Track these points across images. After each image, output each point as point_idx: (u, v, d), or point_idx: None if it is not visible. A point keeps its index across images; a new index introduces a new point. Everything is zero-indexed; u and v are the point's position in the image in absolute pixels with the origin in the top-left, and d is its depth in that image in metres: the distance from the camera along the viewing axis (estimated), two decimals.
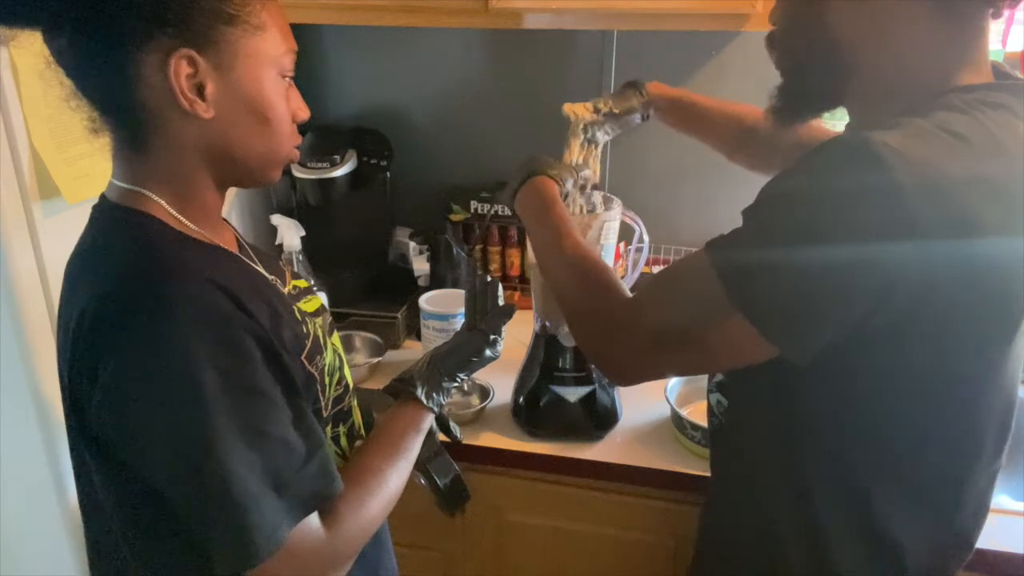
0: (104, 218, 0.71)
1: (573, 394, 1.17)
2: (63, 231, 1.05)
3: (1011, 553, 0.98)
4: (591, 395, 1.17)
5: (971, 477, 0.76)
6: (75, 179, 1.05)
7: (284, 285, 0.79)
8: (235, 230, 0.82)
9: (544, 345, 1.17)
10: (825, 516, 0.76)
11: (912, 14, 0.68)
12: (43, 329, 1.04)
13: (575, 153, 1.09)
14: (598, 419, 1.18)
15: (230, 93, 0.66)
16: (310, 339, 0.74)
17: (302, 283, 0.84)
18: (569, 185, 1.00)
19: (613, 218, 1.08)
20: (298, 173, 1.44)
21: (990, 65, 0.71)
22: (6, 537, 1.16)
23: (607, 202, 1.11)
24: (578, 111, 1.07)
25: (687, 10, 1.20)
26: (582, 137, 1.08)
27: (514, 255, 1.62)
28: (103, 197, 0.72)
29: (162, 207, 0.69)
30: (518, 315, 0.96)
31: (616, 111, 1.08)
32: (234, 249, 0.76)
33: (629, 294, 0.80)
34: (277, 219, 1.39)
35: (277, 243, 1.38)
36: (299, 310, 0.76)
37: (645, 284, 0.80)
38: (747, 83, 1.46)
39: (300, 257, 1.37)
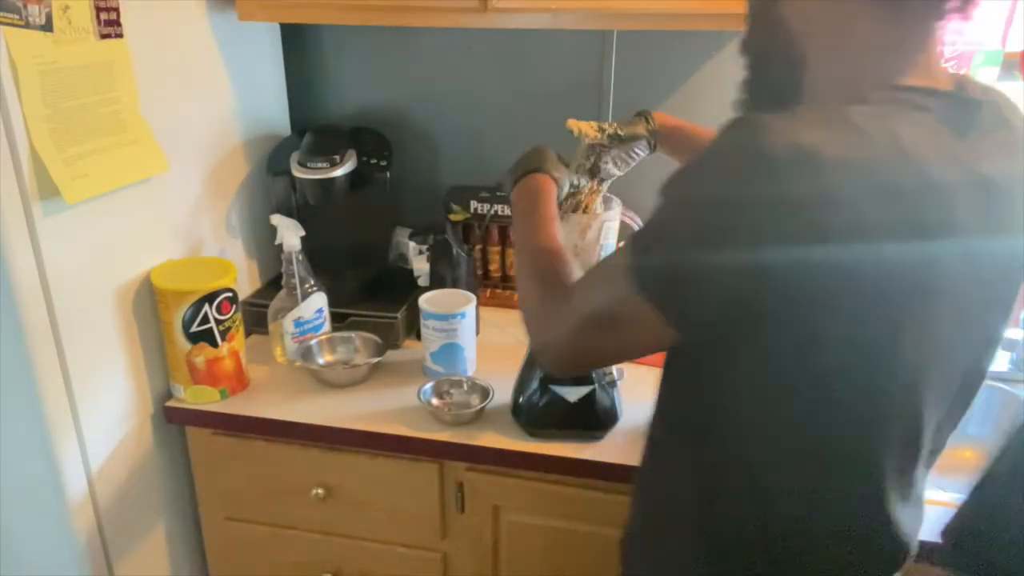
0: None
1: (573, 394, 1.17)
2: (63, 231, 1.06)
3: None
4: (591, 395, 1.17)
5: (872, 490, 0.74)
6: (74, 179, 1.05)
7: None
8: None
9: None
10: (724, 518, 0.76)
11: (857, 12, 0.68)
12: (43, 329, 1.05)
13: (576, 168, 1.08)
14: (598, 419, 1.18)
15: None
16: None
17: None
18: (566, 189, 1.01)
19: (613, 218, 1.08)
20: (298, 173, 1.44)
21: (945, 71, 0.70)
22: (6, 537, 1.16)
23: (607, 202, 1.11)
24: (583, 127, 1.06)
25: (687, 10, 1.20)
26: (588, 163, 1.08)
27: (515, 255, 1.62)
28: None
29: None
30: (518, 315, 0.96)
31: (621, 134, 1.07)
32: None
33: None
34: (277, 219, 1.39)
35: (277, 243, 1.38)
36: None
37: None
38: None
39: (300, 257, 1.37)
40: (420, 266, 1.50)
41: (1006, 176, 0.67)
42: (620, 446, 1.17)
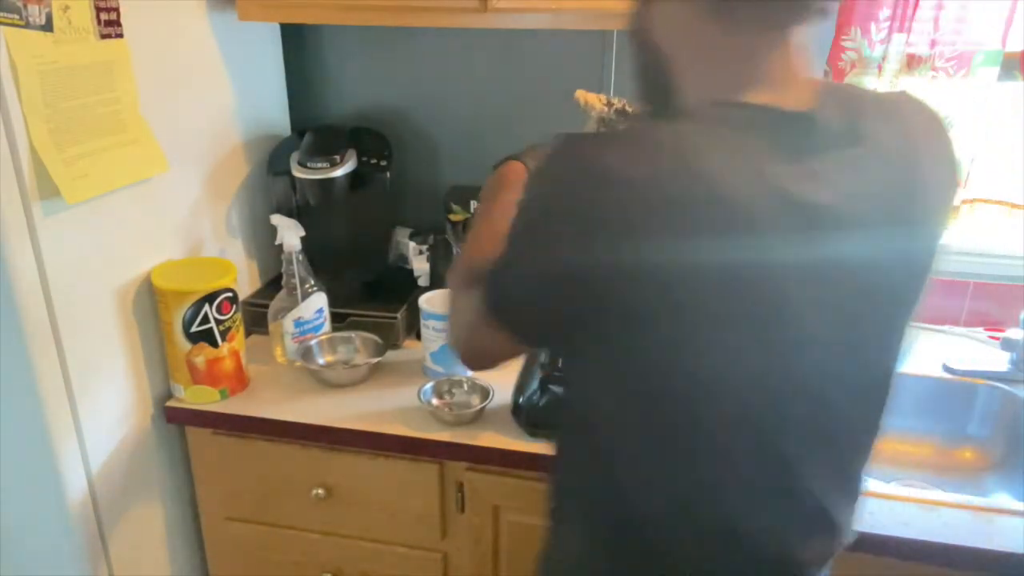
0: None
1: None
2: (63, 231, 1.06)
3: (1011, 553, 0.98)
4: None
5: (736, 493, 0.72)
6: (74, 179, 1.05)
7: None
8: None
9: None
10: (599, 515, 0.77)
11: (699, 21, 0.66)
12: (43, 329, 1.05)
13: None
14: None
15: None
16: None
17: None
18: None
19: None
20: (298, 173, 1.44)
21: (804, 84, 0.67)
22: (6, 536, 1.16)
23: None
24: (590, 99, 1.07)
25: None
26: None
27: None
28: None
29: None
30: None
31: (628, 110, 1.08)
32: None
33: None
34: (277, 219, 1.39)
35: (277, 243, 1.38)
36: None
37: None
38: None
39: (300, 257, 1.37)
40: (420, 266, 1.50)
41: (846, 193, 0.65)
42: None
